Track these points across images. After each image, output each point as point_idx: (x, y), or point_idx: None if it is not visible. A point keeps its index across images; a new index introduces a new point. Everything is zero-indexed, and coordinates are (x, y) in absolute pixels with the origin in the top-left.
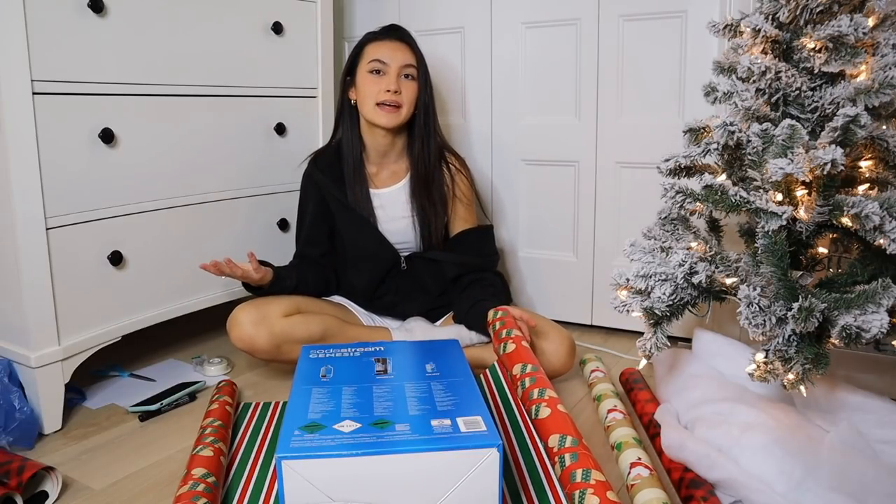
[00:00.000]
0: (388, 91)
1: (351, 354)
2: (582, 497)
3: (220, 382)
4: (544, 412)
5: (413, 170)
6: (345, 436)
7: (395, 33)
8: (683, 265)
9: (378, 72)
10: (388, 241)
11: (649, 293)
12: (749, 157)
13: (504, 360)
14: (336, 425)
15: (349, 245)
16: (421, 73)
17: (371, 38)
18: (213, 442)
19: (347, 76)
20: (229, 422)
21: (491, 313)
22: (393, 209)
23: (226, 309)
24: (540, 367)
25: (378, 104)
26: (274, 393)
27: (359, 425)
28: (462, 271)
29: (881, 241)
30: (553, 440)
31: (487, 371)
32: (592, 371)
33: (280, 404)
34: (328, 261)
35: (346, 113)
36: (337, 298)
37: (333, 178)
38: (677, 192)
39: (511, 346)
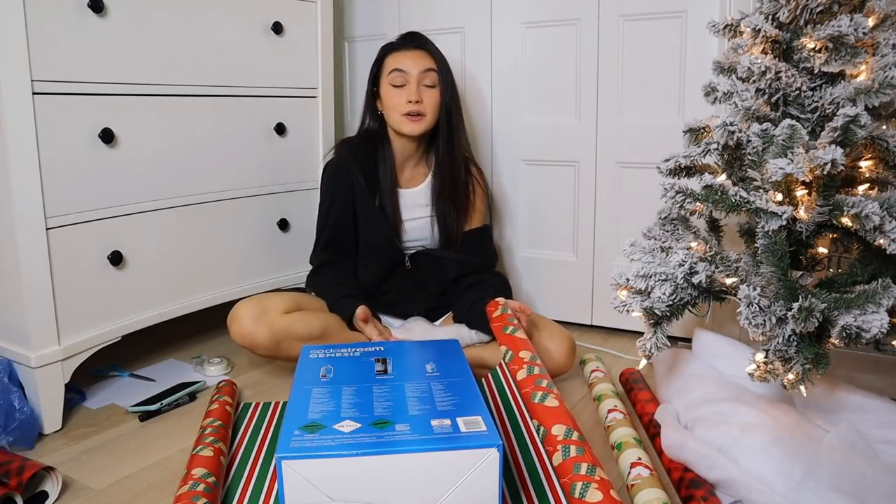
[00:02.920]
0: (410, 102)
1: (351, 354)
2: (585, 489)
3: (220, 382)
4: (552, 402)
5: (437, 171)
6: (345, 436)
7: (412, 41)
8: (683, 265)
9: (400, 84)
10: (396, 241)
11: (649, 293)
12: (749, 157)
13: (507, 340)
14: (336, 425)
15: (361, 236)
16: (442, 76)
17: (389, 49)
18: (213, 442)
19: (373, 87)
20: (229, 422)
21: (492, 303)
22: (414, 209)
23: (226, 309)
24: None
25: (403, 114)
26: (274, 393)
27: (359, 425)
28: (464, 271)
29: (881, 241)
30: (559, 429)
31: (489, 374)
32: (592, 371)
33: (280, 404)
34: (355, 252)
35: (376, 121)
36: None
37: (364, 168)
38: (677, 192)
39: (518, 332)
